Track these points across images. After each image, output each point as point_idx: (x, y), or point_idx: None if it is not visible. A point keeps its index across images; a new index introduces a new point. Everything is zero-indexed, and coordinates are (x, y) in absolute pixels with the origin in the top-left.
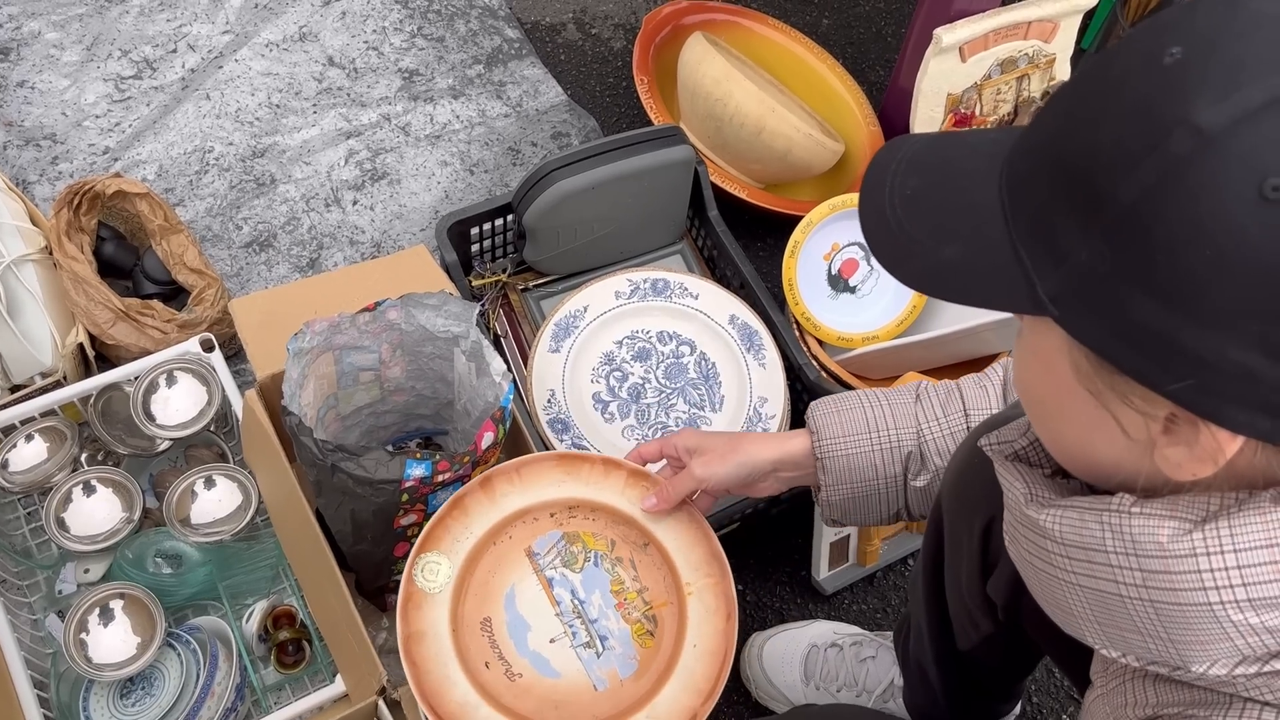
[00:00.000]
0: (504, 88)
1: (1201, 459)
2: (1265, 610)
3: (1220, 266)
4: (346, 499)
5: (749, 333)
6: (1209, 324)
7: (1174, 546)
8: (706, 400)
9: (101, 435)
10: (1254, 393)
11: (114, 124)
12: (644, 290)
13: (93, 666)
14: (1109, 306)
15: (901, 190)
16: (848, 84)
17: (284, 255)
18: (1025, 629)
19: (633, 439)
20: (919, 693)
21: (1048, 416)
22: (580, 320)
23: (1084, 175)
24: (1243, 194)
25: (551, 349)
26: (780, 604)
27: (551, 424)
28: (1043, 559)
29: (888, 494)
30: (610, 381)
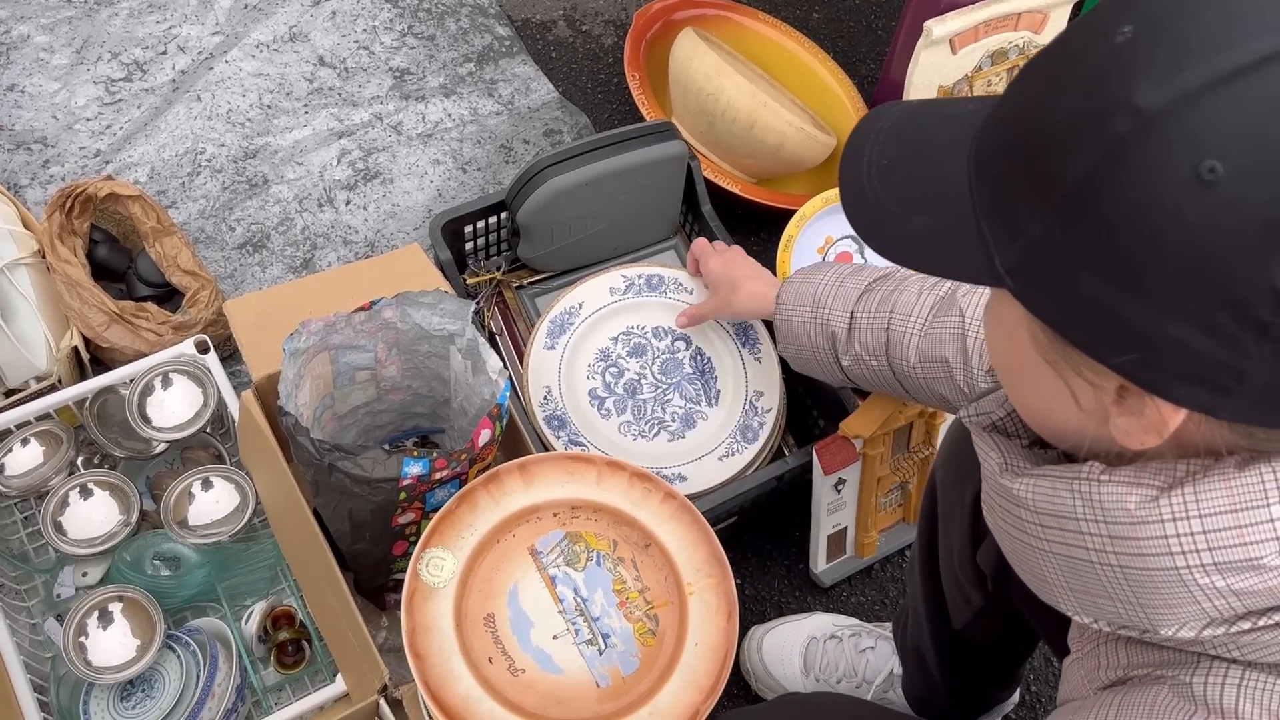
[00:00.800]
0: (495, 86)
1: (1148, 430)
2: (1230, 574)
3: (1158, 246)
4: (344, 498)
5: (744, 327)
6: (1149, 301)
7: (1141, 513)
8: (703, 395)
9: (98, 438)
10: (1193, 367)
11: (105, 126)
12: (639, 286)
13: (92, 669)
14: (1059, 281)
15: (879, 160)
16: (839, 77)
17: (277, 256)
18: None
19: (629, 434)
20: (918, 680)
21: (1014, 385)
22: (575, 317)
23: (1036, 152)
24: (1180, 175)
25: (547, 346)
26: (779, 597)
27: (548, 421)
28: (1017, 527)
29: (822, 361)
30: (606, 378)
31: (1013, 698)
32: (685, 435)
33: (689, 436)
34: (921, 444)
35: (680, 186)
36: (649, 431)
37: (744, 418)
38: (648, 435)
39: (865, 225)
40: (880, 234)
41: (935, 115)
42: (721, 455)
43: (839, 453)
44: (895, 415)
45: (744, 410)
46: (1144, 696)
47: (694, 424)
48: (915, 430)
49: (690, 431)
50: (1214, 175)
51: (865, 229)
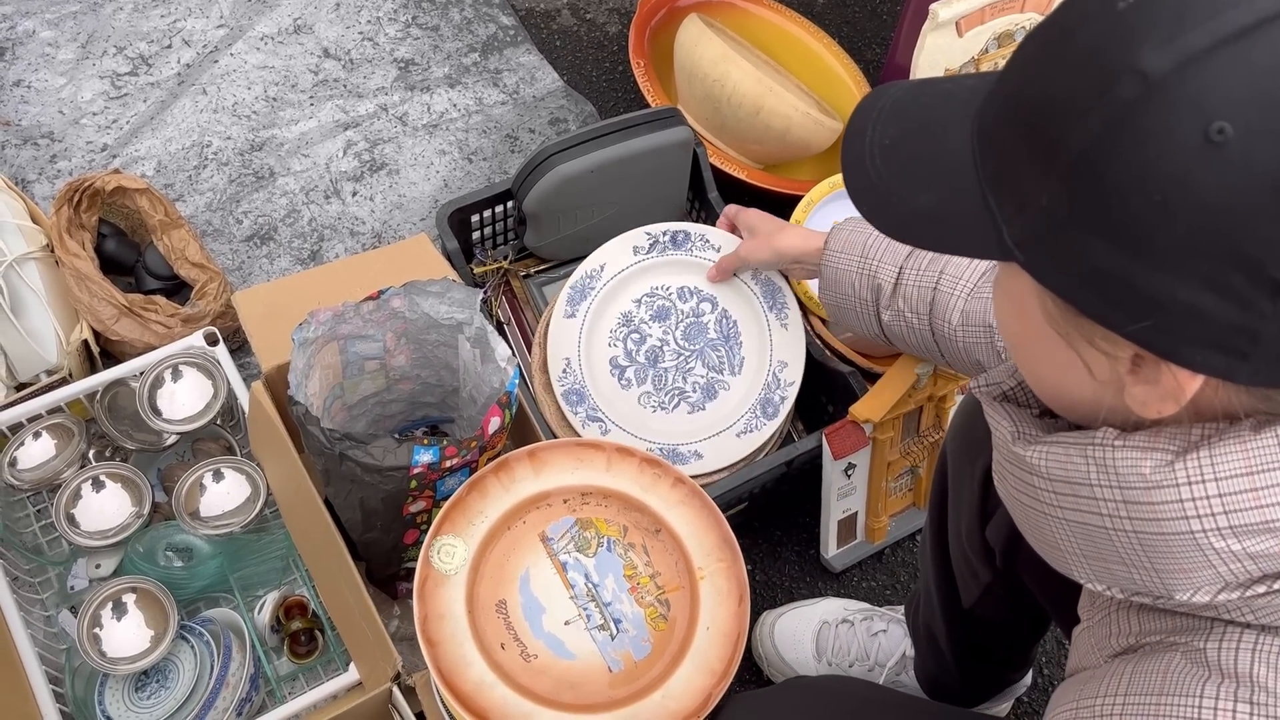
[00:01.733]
0: (500, 75)
1: (1164, 397)
2: (1246, 537)
3: (1168, 210)
4: (355, 487)
5: (772, 289)
6: (1161, 266)
7: (1157, 477)
8: (725, 363)
9: (109, 431)
10: (1207, 331)
11: (111, 121)
12: (663, 244)
13: (107, 660)
14: (1069, 251)
15: (881, 139)
16: (844, 62)
17: (285, 248)
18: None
19: (649, 406)
20: (930, 661)
21: (1026, 358)
22: (596, 280)
23: (1041, 122)
24: (1188, 138)
25: (567, 314)
26: (790, 583)
27: (566, 396)
28: (1030, 495)
29: (863, 313)
30: (628, 345)
31: (1025, 679)
32: (705, 407)
33: (709, 409)
34: (931, 428)
35: (686, 172)
36: (669, 403)
37: (765, 390)
38: (668, 407)
39: (870, 206)
40: (885, 214)
41: (936, 93)
42: (740, 431)
43: (849, 437)
44: (905, 399)
45: (766, 382)
46: (1157, 663)
47: (715, 394)
48: (925, 414)
49: (711, 403)
50: (1222, 137)
51: (870, 209)
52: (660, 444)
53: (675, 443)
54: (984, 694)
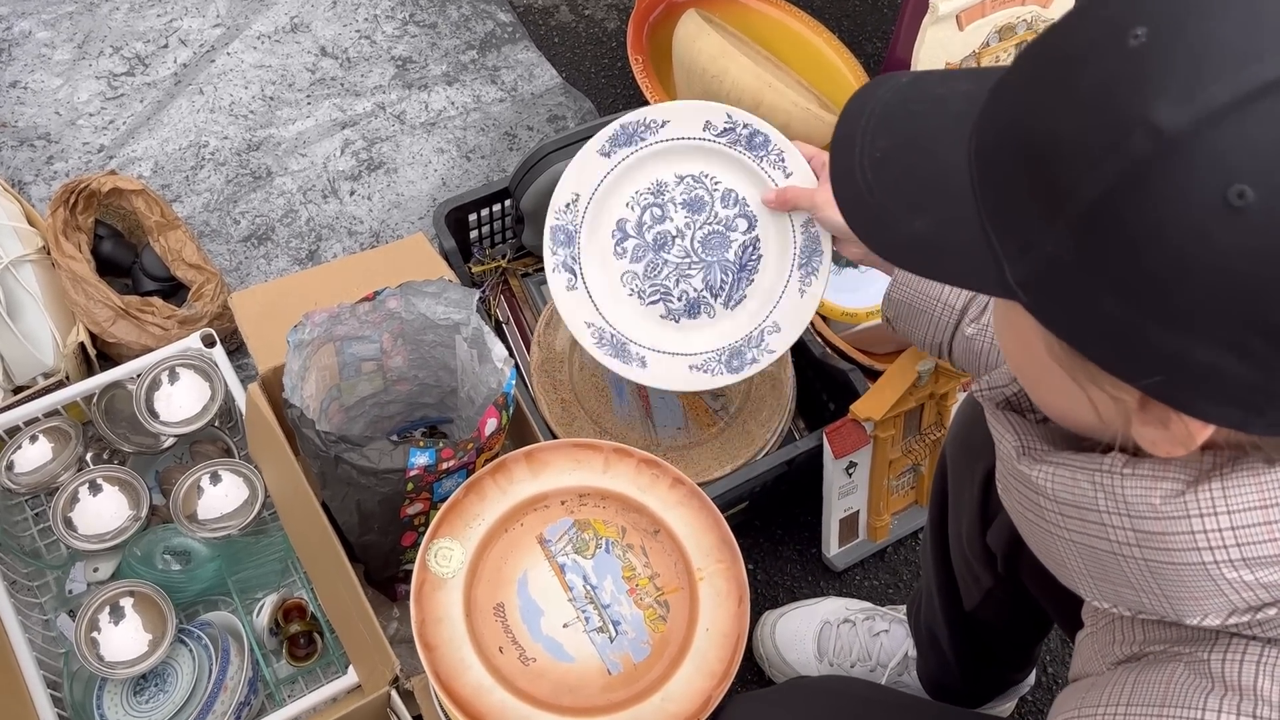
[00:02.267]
0: (498, 72)
1: (1173, 441)
2: (1260, 568)
3: (1184, 270)
4: (351, 490)
5: (814, 249)
6: (1175, 325)
7: (1167, 508)
8: (724, 292)
9: (106, 434)
10: (1223, 390)
11: (108, 121)
12: (738, 135)
13: (105, 665)
14: (1076, 300)
15: (871, 151)
16: (844, 57)
17: (283, 248)
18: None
19: (628, 287)
20: (932, 662)
21: (1031, 385)
22: (650, 134)
23: (1046, 164)
24: (1206, 201)
25: (602, 151)
26: (791, 582)
27: (555, 233)
28: (1035, 513)
29: (939, 320)
30: (645, 216)
31: (1029, 679)
32: (679, 321)
33: (682, 324)
34: (933, 426)
35: None
36: (648, 296)
37: (744, 342)
38: (645, 298)
39: (863, 225)
40: (880, 235)
41: (926, 98)
42: (693, 365)
43: (849, 436)
44: (906, 397)
45: (750, 334)
46: (1160, 674)
47: (696, 314)
48: (926, 412)
49: (688, 320)
50: (1243, 201)
51: (863, 229)
52: (614, 331)
53: (628, 337)
54: (987, 694)
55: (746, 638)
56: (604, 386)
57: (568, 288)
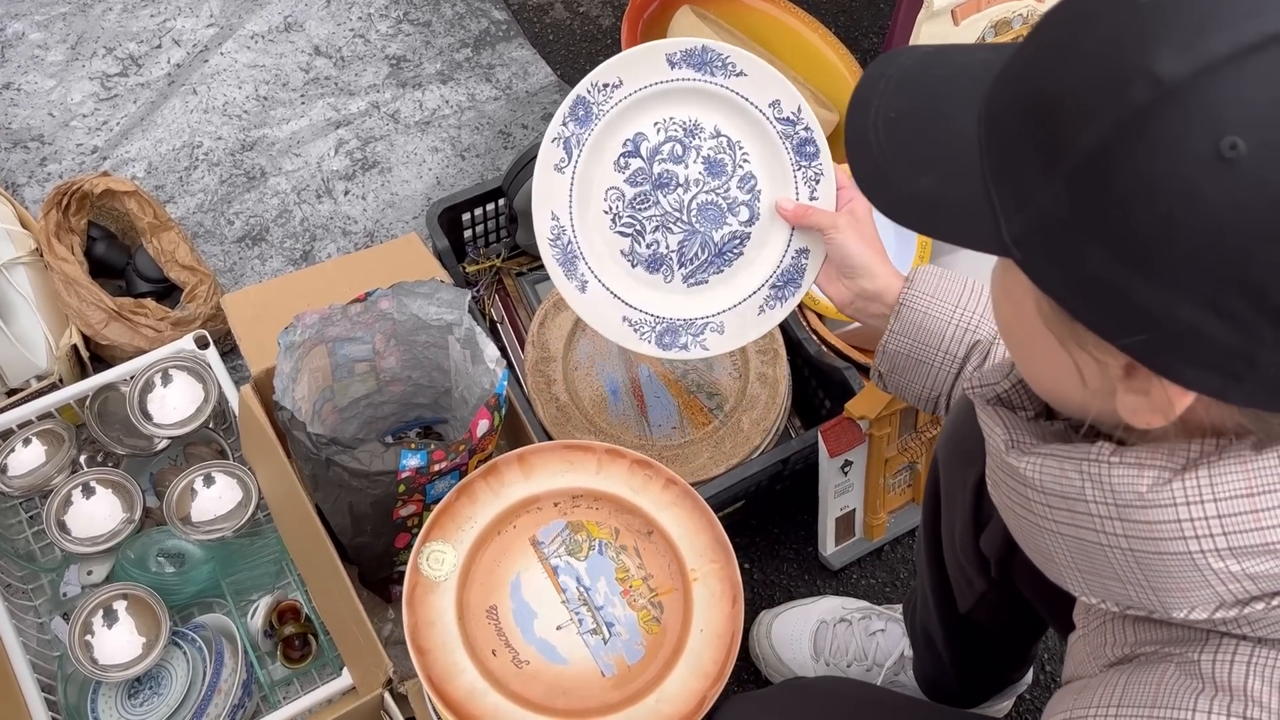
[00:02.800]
0: (493, 70)
1: (1154, 410)
2: (1246, 558)
3: (1173, 225)
4: (343, 492)
5: (793, 279)
6: (1161, 281)
7: (1154, 496)
8: (690, 265)
9: (99, 436)
10: (1204, 352)
11: (101, 123)
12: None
13: (99, 668)
14: (1067, 255)
15: (886, 112)
16: (840, 53)
17: (277, 249)
18: (1017, 585)
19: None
20: (927, 662)
21: (1021, 353)
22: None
23: (1047, 117)
24: (1200, 152)
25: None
26: (788, 581)
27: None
28: (1024, 506)
29: (940, 371)
30: (665, 147)
31: (1026, 678)
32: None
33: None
34: (929, 424)
35: None
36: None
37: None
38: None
39: (870, 182)
40: (885, 193)
41: (946, 64)
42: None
43: (844, 434)
44: None
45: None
46: (1150, 674)
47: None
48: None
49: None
50: (1235, 153)
51: (870, 186)
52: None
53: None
54: (984, 694)
55: (741, 638)
56: (599, 387)
57: (556, 166)
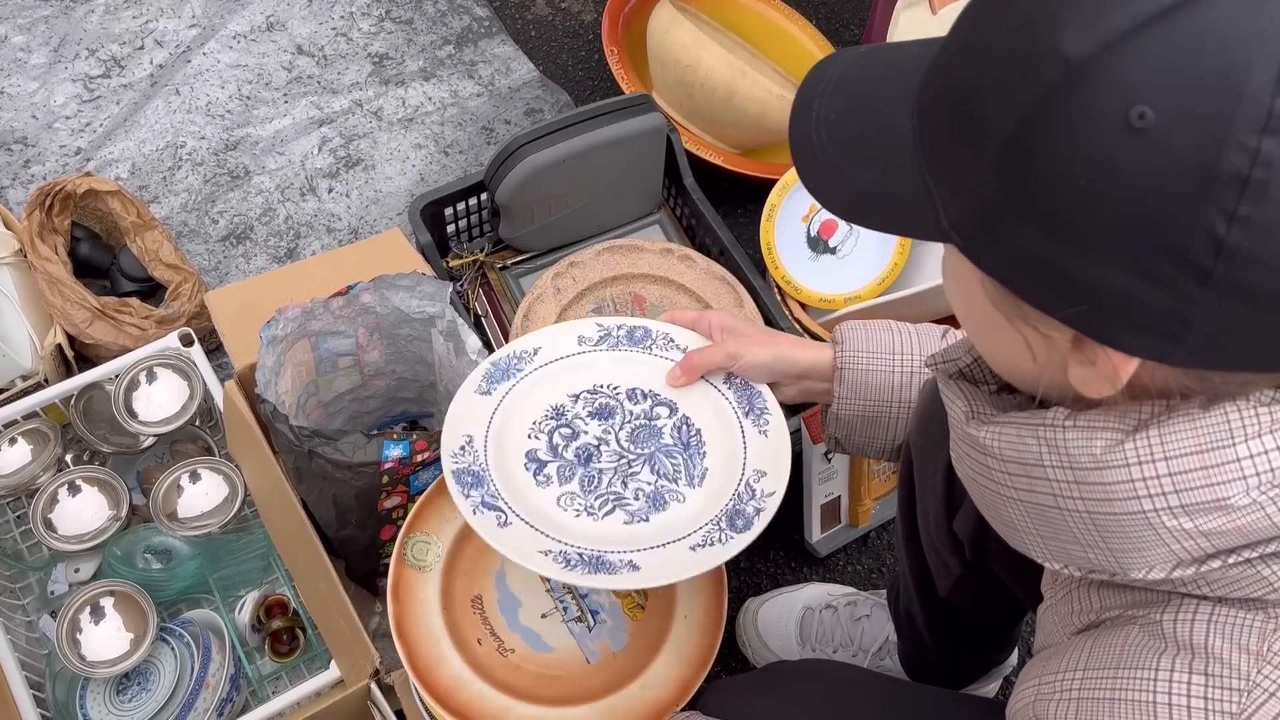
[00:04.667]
0: (475, 67)
1: (1102, 379)
2: (1198, 515)
3: (1094, 196)
4: (327, 484)
5: (749, 392)
6: (1090, 252)
7: (1107, 457)
8: (683, 472)
9: (85, 435)
10: (1140, 317)
11: (85, 124)
12: (616, 338)
13: (87, 664)
14: (1001, 235)
15: (827, 114)
16: (820, 44)
17: (261, 247)
18: (991, 566)
19: (571, 509)
20: (912, 646)
21: (975, 335)
22: (526, 363)
23: (970, 103)
24: (1111, 124)
25: (481, 390)
26: (774, 569)
27: (459, 474)
28: (985, 476)
29: (897, 419)
30: (554, 439)
31: (1011, 659)
32: (649, 519)
33: (654, 520)
34: None
35: (661, 159)
36: (599, 509)
37: (735, 501)
38: (596, 513)
39: (816, 183)
40: (831, 192)
41: (881, 63)
42: (696, 544)
43: None
44: None
45: (736, 492)
46: (1115, 637)
47: (664, 505)
48: None
49: (658, 515)
50: (1144, 122)
51: (816, 187)
52: (579, 547)
53: (601, 549)
54: (969, 677)
55: (726, 625)
56: None
57: (500, 525)
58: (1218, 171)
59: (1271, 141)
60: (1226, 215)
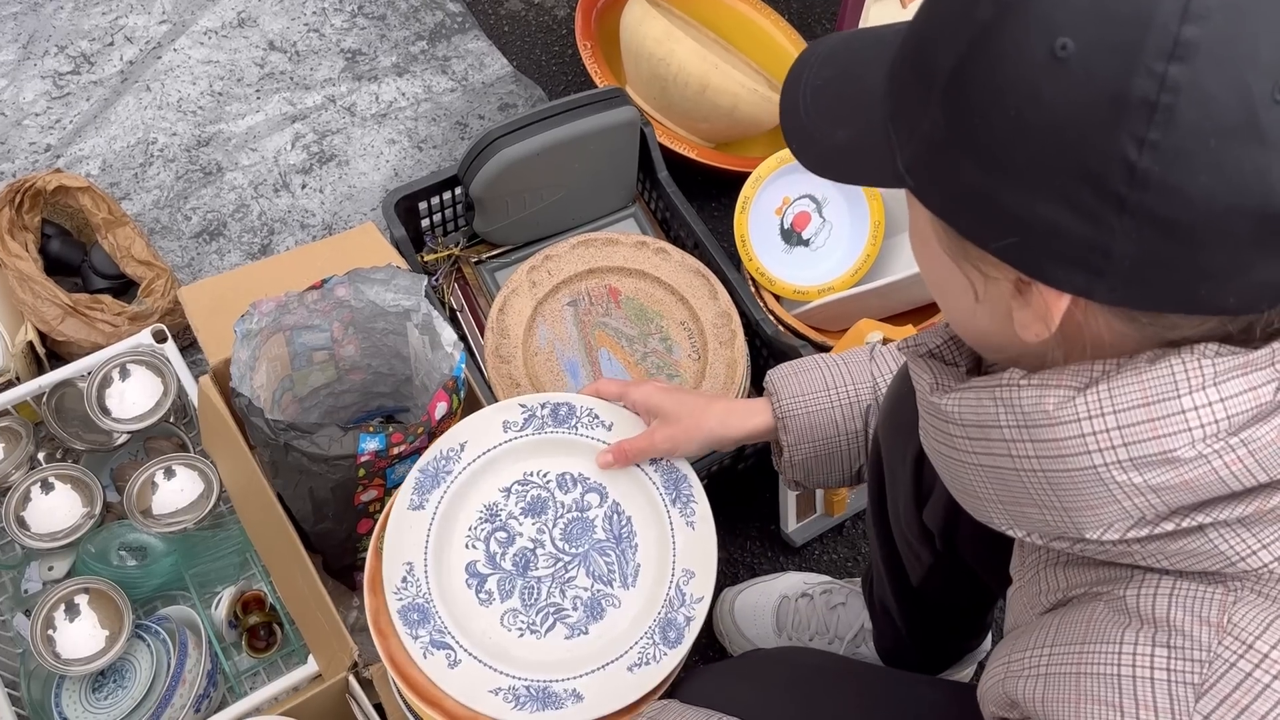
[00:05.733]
0: (449, 62)
1: (1037, 319)
2: (1146, 469)
3: (1022, 126)
4: (303, 478)
5: (675, 477)
6: (1019, 183)
7: (1059, 413)
8: (617, 571)
9: (58, 433)
10: (1065, 248)
11: (54, 121)
12: (541, 418)
13: (61, 662)
14: (945, 172)
15: (813, 83)
16: (792, 38)
17: (235, 243)
18: (961, 555)
19: (515, 627)
20: (886, 634)
21: (938, 292)
22: (454, 463)
23: (925, 49)
24: (1036, 55)
25: (413, 505)
26: (751, 559)
27: (404, 613)
28: (948, 445)
29: (849, 450)
30: (491, 545)
31: (984, 645)
32: (589, 630)
33: (593, 632)
34: None
35: (634, 153)
36: (541, 624)
37: (666, 609)
38: (539, 630)
39: (798, 144)
40: (810, 151)
41: (867, 38)
42: (633, 663)
43: None
44: None
45: (668, 597)
46: (1081, 613)
47: (601, 614)
48: None
49: (595, 625)
50: (1066, 52)
51: (798, 147)
52: (526, 680)
53: (547, 679)
54: (943, 663)
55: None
56: (559, 371)
57: (450, 665)
58: (1129, 97)
59: (1178, 68)
60: (1138, 141)
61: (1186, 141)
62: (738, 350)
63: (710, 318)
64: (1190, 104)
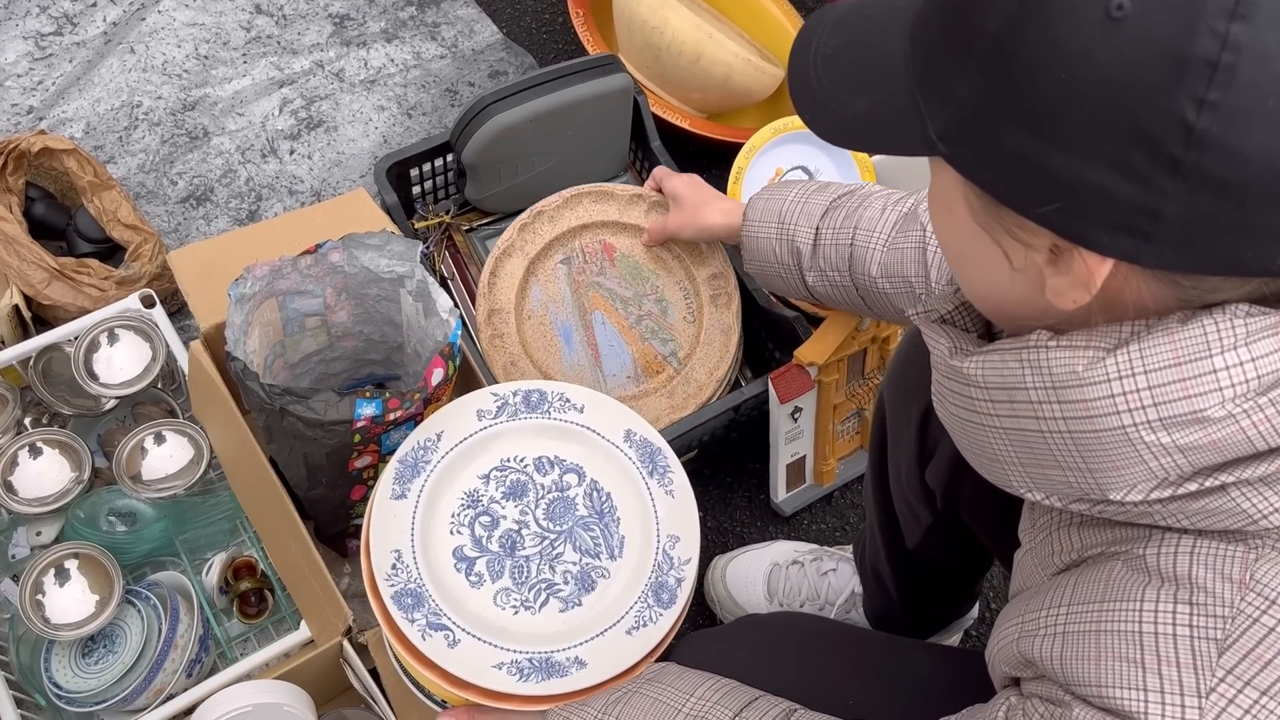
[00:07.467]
0: (438, 29)
1: (1077, 285)
2: (1175, 429)
3: (1073, 89)
4: (298, 443)
5: (650, 450)
6: (1068, 147)
7: (1089, 374)
8: (603, 544)
9: (44, 397)
10: (1113, 212)
11: (37, 82)
12: (514, 406)
13: (51, 627)
14: (985, 138)
15: (824, 50)
16: (785, 9)
17: (222, 208)
18: (961, 517)
19: (509, 605)
20: (877, 599)
21: (957, 260)
22: (432, 452)
23: (959, 14)
24: (1090, 15)
25: (395, 495)
26: (741, 528)
27: (398, 598)
28: (968, 408)
29: (788, 278)
30: (476, 530)
31: (972, 612)
32: (582, 601)
33: (586, 603)
34: (876, 370)
35: (627, 120)
36: (535, 600)
37: (657, 574)
38: (533, 605)
39: (811, 113)
40: (825, 120)
41: (880, 4)
42: (631, 626)
43: (794, 381)
44: (849, 341)
45: (656, 563)
46: (1099, 573)
47: (592, 585)
48: (869, 356)
49: (588, 595)
50: (1122, 12)
51: (811, 117)
52: (528, 653)
53: (548, 650)
54: (932, 628)
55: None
56: (552, 337)
57: (450, 645)
58: (1189, 57)
59: (1240, 26)
60: (1196, 101)
61: (1245, 101)
62: (732, 315)
63: (705, 277)
64: (1251, 63)
